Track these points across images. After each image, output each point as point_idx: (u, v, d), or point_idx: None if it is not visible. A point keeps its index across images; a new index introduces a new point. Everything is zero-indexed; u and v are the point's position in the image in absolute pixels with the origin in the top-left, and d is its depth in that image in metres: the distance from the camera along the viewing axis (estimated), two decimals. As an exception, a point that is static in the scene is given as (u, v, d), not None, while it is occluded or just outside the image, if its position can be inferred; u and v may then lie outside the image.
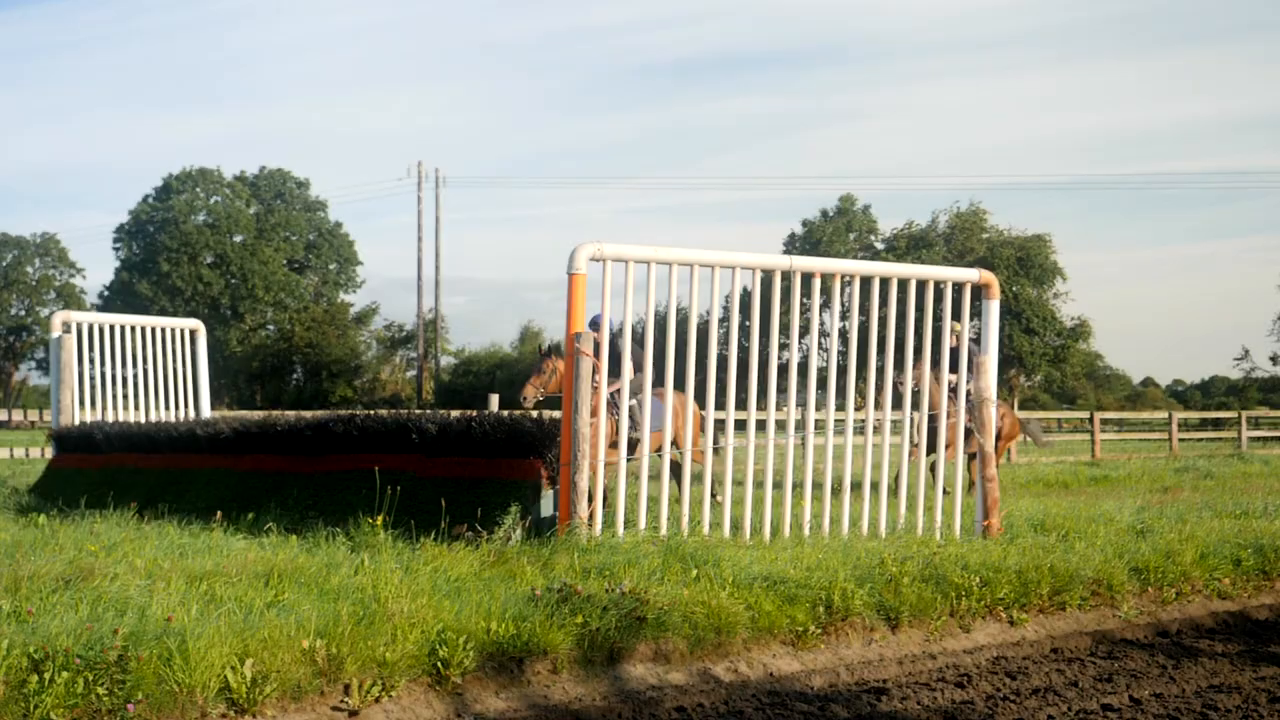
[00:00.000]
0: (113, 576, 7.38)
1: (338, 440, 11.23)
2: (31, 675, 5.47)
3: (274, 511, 10.81)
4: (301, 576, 7.70)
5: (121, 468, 13.76)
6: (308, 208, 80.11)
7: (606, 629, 6.92)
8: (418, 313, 68.45)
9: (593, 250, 9.41)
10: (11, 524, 11.50)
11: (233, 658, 5.91)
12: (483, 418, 10.23)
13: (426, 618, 6.60)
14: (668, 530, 9.62)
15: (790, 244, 73.29)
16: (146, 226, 77.04)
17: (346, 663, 6.15)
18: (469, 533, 9.10)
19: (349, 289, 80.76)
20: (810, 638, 7.60)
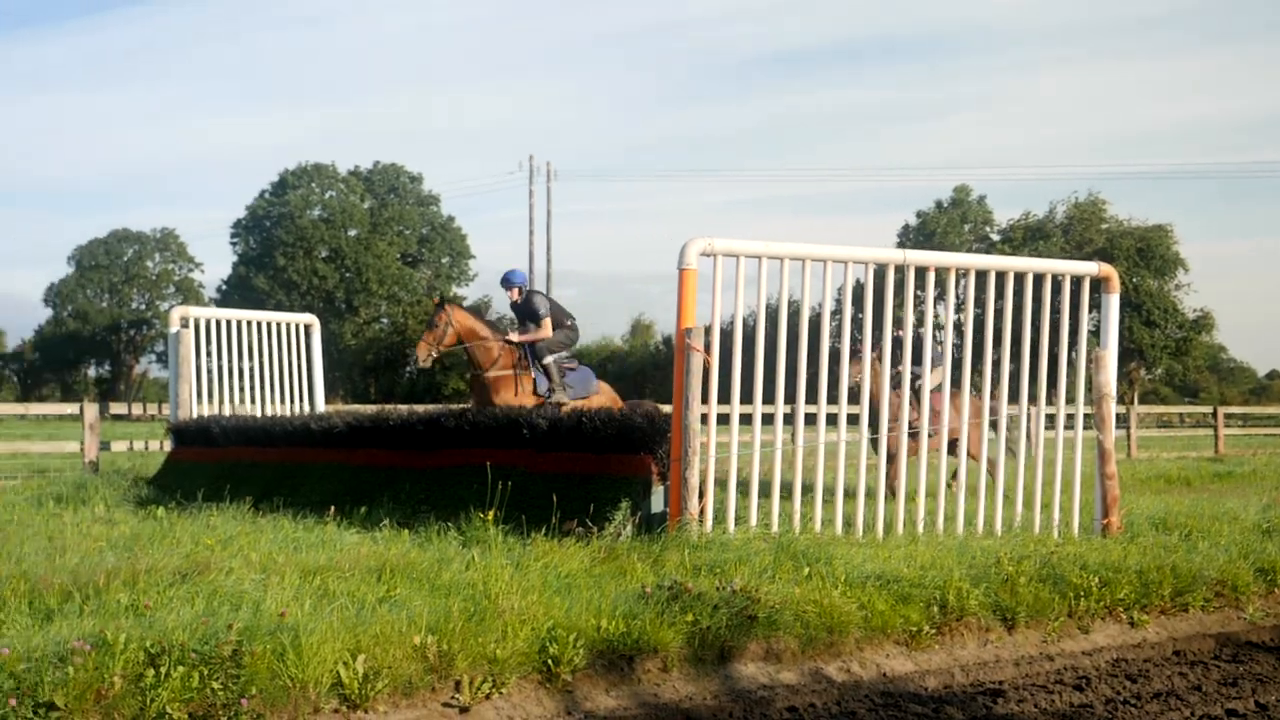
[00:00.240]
0: (228, 571, 7.48)
1: (449, 435, 11.29)
2: (148, 669, 5.54)
3: (386, 506, 10.91)
4: (413, 571, 7.74)
5: (238, 461, 13.98)
6: (421, 202, 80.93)
7: (717, 627, 6.86)
8: (530, 306, 68.85)
9: (704, 245, 9.34)
10: (131, 516, 11.74)
11: (345, 653, 5.94)
12: (593, 413, 10.21)
13: (537, 614, 6.59)
14: (779, 527, 9.53)
15: (904, 235, 72.50)
16: (263, 221, 78.37)
17: (457, 659, 6.16)
18: (579, 528, 9.09)
19: (461, 282, 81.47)
20: (924, 638, 7.47)
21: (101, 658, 5.50)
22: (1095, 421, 10.81)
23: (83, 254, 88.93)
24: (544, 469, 10.25)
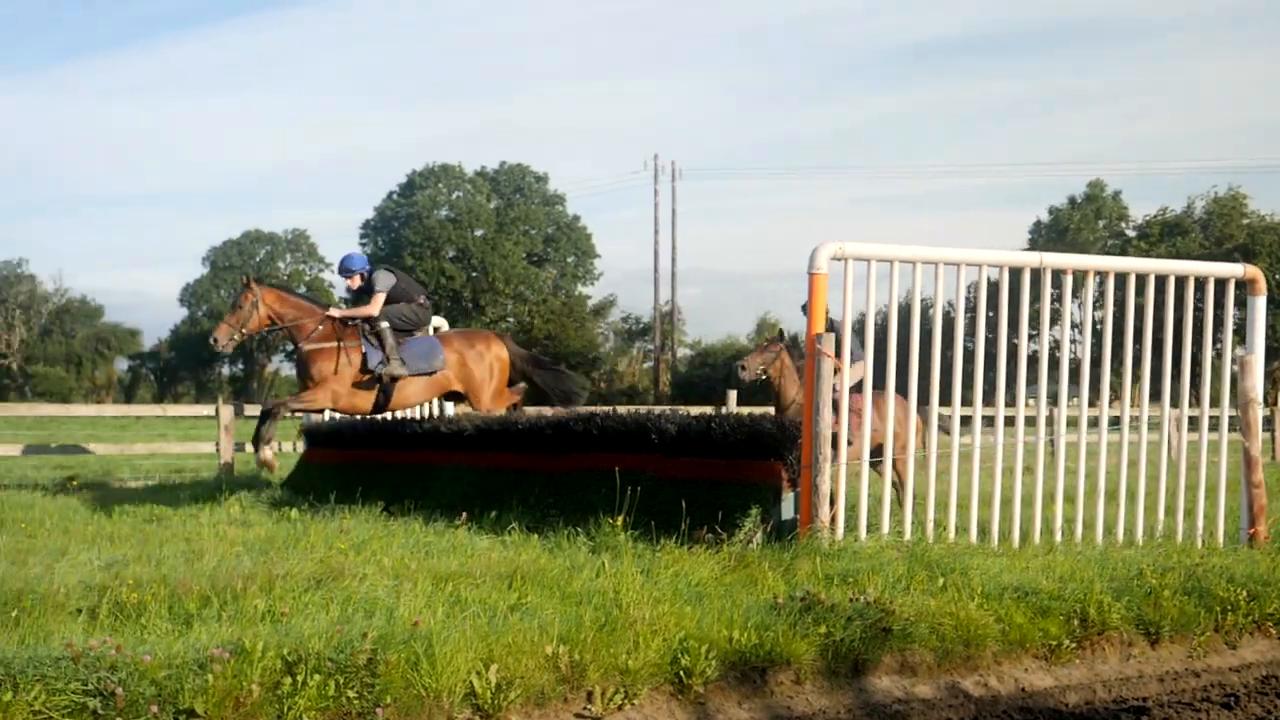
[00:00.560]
0: (362, 577, 7.54)
1: (578, 439, 11.29)
2: (285, 677, 5.59)
3: (515, 509, 10.94)
4: (544, 579, 7.74)
5: (369, 463, 14.15)
6: (546, 202, 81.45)
7: (851, 639, 6.75)
8: (654, 305, 69.02)
9: (834, 249, 9.22)
10: (266, 518, 11.94)
11: (478, 663, 5.95)
12: (723, 418, 10.14)
13: (668, 625, 6.54)
14: (912, 535, 9.37)
15: (1035, 232, 71.32)
16: (391, 222, 79.45)
17: (589, 670, 6.13)
18: (709, 535, 9.03)
19: (587, 281, 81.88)
20: (1064, 652, 7.27)
21: (240, 665, 5.55)
22: (1240, 427, 10.47)
23: (217, 254, 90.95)
24: (673, 474, 10.21)
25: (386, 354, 12.36)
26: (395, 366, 12.41)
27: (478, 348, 13.12)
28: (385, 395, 12.46)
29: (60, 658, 5.40)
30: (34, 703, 5.19)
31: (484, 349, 12.95)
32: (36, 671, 5.28)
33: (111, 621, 6.64)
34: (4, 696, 5.15)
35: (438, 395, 13.30)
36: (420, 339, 12.88)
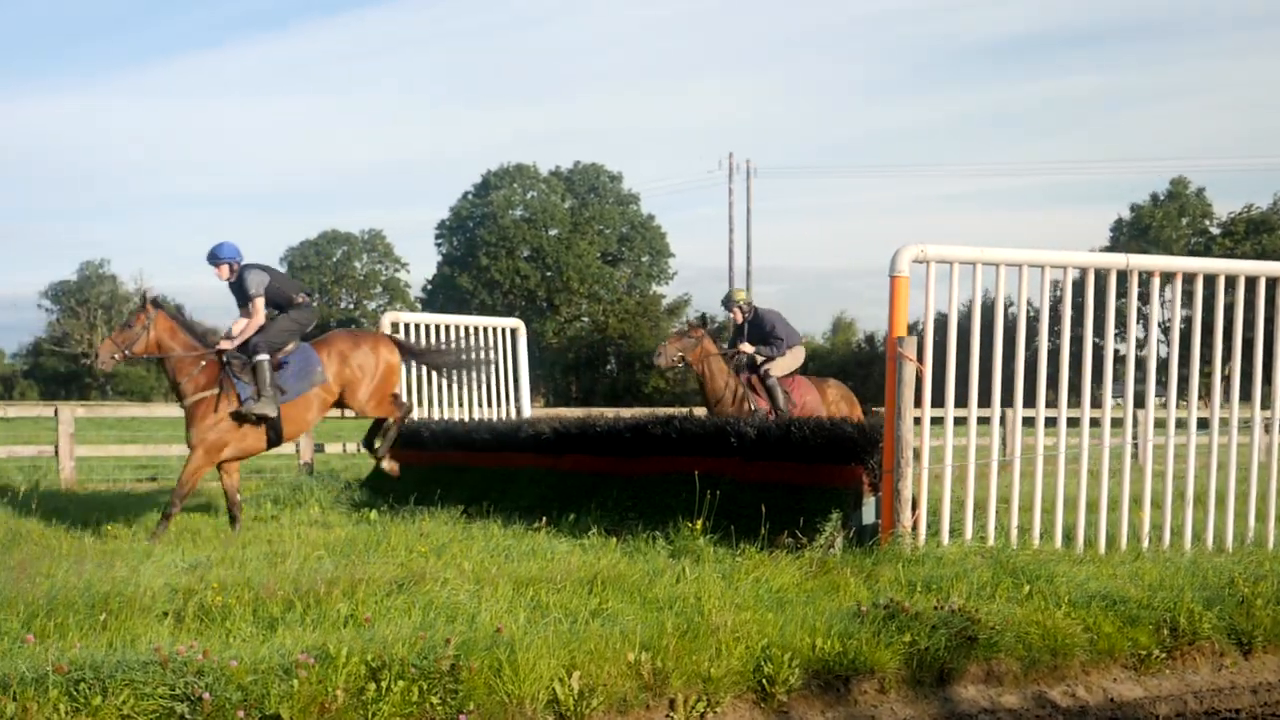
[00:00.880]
0: (443, 581, 7.55)
1: (656, 442, 11.26)
2: (370, 683, 5.61)
3: (593, 512, 10.92)
4: (624, 584, 7.72)
5: (447, 464, 14.17)
6: (621, 201, 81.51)
7: (936, 648, 6.66)
8: (729, 304, 68.77)
9: (916, 252, 9.12)
10: (345, 519, 12.03)
11: (560, 669, 5.93)
12: (802, 422, 10.06)
13: (750, 632, 6.49)
14: (995, 540, 9.25)
15: (1117, 230, 70.38)
16: (467, 222, 79.85)
17: (672, 677, 6.10)
18: (789, 540, 8.97)
19: (661, 281, 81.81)
20: (1154, 662, 7.14)
21: (324, 671, 5.58)
22: None
23: (294, 255, 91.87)
24: (752, 478, 10.15)
25: (257, 389, 11.13)
26: (264, 405, 11.11)
27: (363, 348, 11.95)
28: (275, 430, 11.34)
29: (148, 662, 5.45)
30: (122, 707, 5.24)
31: (370, 351, 11.88)
32: (125, 676, 5.33)
33: (197, 625, 6.69)
34: (93, 700, 5.21)
35: (326, 412, 12.05)
36: (293, 353, 11.63)
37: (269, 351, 11.18)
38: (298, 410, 11.43)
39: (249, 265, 11.37)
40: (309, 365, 11.36)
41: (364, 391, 11.68)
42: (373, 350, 11.83)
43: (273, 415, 11.15)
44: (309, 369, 11.35)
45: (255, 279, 11.36)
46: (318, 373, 11.43)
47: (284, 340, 11.44)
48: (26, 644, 5.98)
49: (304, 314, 11.69)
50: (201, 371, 11.22)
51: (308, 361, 11.39)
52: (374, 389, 11.78)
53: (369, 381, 11.67)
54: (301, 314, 11.66)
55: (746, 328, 14.29)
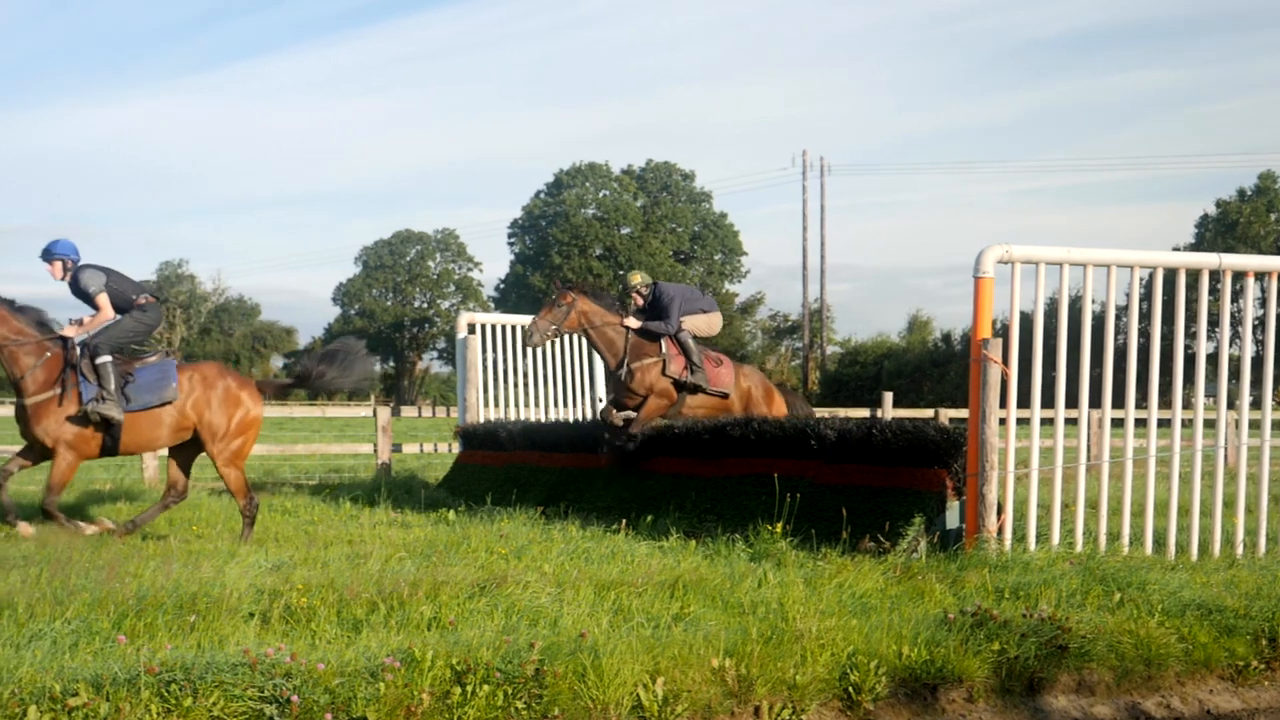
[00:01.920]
0: (524, 584, 7.53)
1: (734, 444, 11.20)
2: (455, 687, 5.60)
3: (672, 514, 10.89)
4: (705, 588, 7.67)
5: (523, 465, 14.22)
6: (693, 199, 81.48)
7: (1025, 657, 6.55)
8: (803, 302, 68.53)
9: (1000, 253, 9.00)
10: (424, 519, 12.06)
11: (644, 675, 5.89)
12: (884, 424, 9.95)
13: (836, 638, 6.41)
14: (1083, 546, 9.10)
15: (1202, 226, 69.29)
16: (539, 221, 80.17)
17: (756, 684, 6.03)
18: (871, 545, 8.87)
19: (734, 279, 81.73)
20: (1252, 673, 6.97)
21: (410, 674, 5.58)
22: None
23: (369, 254, 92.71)
24: (832, 481, 10.06)
25: (105, 390, 10.41)
26: (109, 407, 10.38)
27: (225, 383, 11.02)
28: (113, 439, 10.57)
29: (237, 664, 5.46)
30: (213, 708, 5.26)
31: (234, 390, 10.96)
32: (215, 677, 5.35)
33: (283, 626, 6.72)
34: (184, 701, 5.23)
35: (180, 438, 10.99)
36: (151, 365, 10.85)
37: (110, 352, 10.54)
38: (142, 424, 10.65)
39: (84, 265, 10.74)
40: (163, 381, 10.64)
41: (219, 438, 10.83)
42: (235, 391, 10.99)
43: (118, 419, 10.44)
44: (162, 384, 10.62)
45: (91, 277, 10.70)
46: (170, 389, 10.64)
47: (127, 341, 10.82)
48: (118, 644, 6.03)
49: (149, 316, 10.94)
50: (41, 367, 10.51)
51: (163, 377, 10.67)
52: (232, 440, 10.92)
53: (224, 427, 10.84)
54: (146, 316, 10.91)
55: (647, 310, 13.14)
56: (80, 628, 6.51)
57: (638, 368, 12.46)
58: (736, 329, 74.19)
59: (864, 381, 57.39)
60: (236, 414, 10.87)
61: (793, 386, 67.99)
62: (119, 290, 10.78)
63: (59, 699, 5.13)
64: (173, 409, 10.64)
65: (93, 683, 5.25)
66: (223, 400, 10.84)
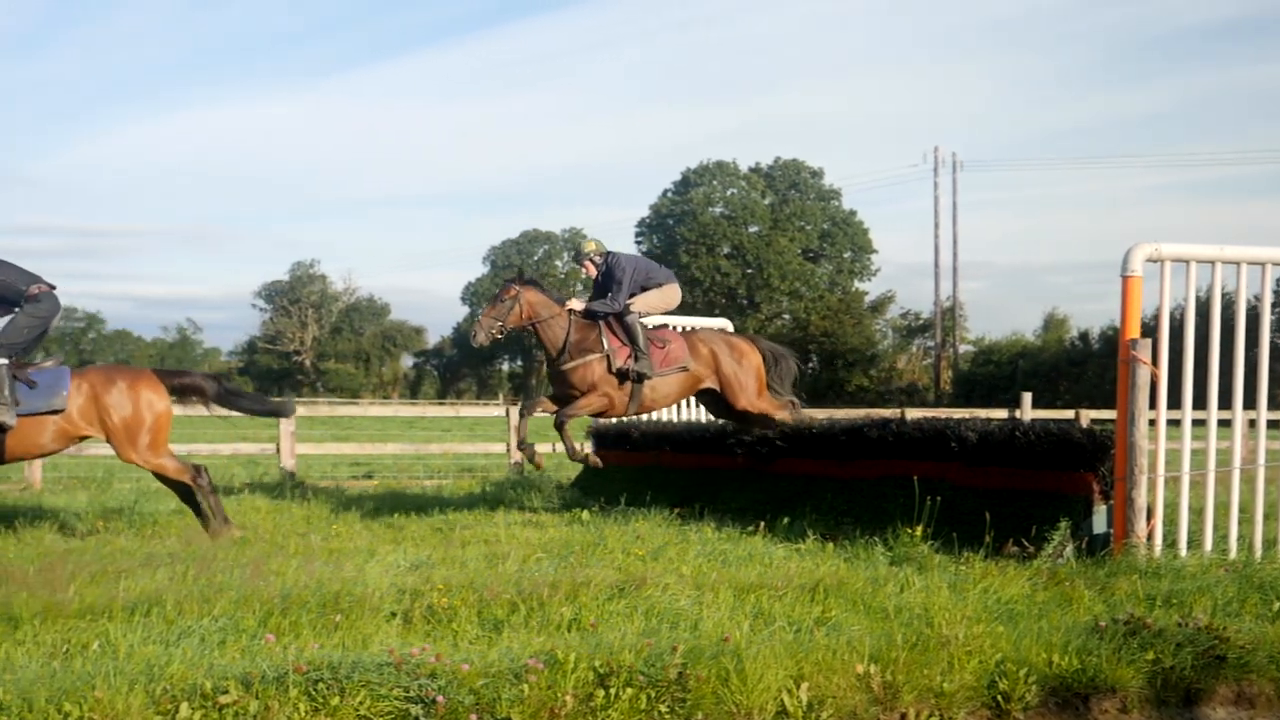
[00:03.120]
0: (663, 586, 7.50)
1: (872, 445, 11.06)
2: (598, 689, 5.58)
3: (807, 516, 10.77)
4: (845, 591, 7.56)
5: (656, 465, 14.20)
6: (822, 197, 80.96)
7: (1181, 667, 6.34)
8: (934, 300, 67.78)
9: (1149, 251, 8.76)
10: (557, 519, 12.10)
11: (788, 680, 5.81)
12: (1028, 426, 9.74)
13: (983, 645, 6.27)
14: (1238, 552, 8.82)
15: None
16: (666, 220, 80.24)
17: (903, 691, 5.92)
18: (1015, 549, 8.69)
19: (864, 277, 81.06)
20: None
21: (553, 676, 5.57)
22: None
23: (496, 254, 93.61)
24: (973, 483, 9.88)
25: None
26: (2, 412, 9.98)
27: (118, 385, 10.63)
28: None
29: (383, 664, 5.50)
30: (359, 707, 5.30)
31: (127, 390, 10.58)
32: (361, 677, 5.39)
33: (425, 626, 6.76)
34: (331, 700, 5.28)
35: (63, 446, 10.77)
36: (47, 370, 10.44)
37: (8, 355, 10.09)
38: (25, 428, 10.25)
39: None
40: (55, 388, 10.25)
41: (122, 437, 10.53)
42: (130, 388, 10.60)
43: (11, 424, 10.07)
44: (53, 392, 10.23)
45: None
46: (60, 398, 10.26)
47: (24, 339, 10.24)
48: (266, 643, 6.12)
49: (43, 306, 10.33)
50: None
51: (55, 384, 10.28)
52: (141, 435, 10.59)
53: (125, 426, 10.49)
54: (40, 307, 10.29)
55: (600, 280, 12.49)
56: (227, 625, 6.63)
57: (580, 364, 11.84)
58: (866, 328, 73.43)
59: (998, 381, 56.42)
60: (140, 411, 10.59)
61: (924, 386, 67.42)
62: (7, 282, 10.21)
63: (210, 696, 5.21)
64: (61, 418, 10.31)
65: (242, 680, 5.32)
66: (114, 403, 10.50)
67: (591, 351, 11.79)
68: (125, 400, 10.50)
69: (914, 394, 65.66)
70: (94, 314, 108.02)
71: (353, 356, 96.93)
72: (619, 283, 11.94)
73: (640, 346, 11.79)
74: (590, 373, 11.77)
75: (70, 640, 6.32)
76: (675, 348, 12.08)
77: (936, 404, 54.45)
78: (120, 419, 10.50)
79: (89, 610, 6.82)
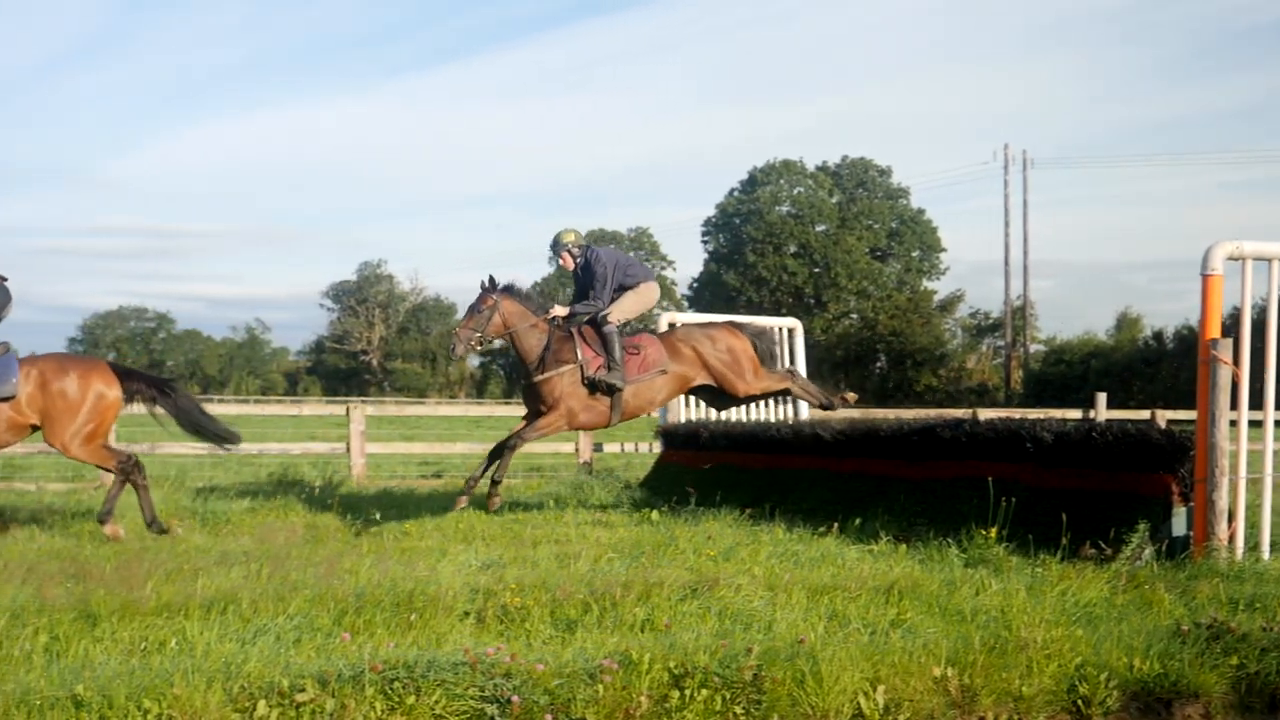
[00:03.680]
0: (736, 587, 7.47)
1: (944, 445, 10.95)
2: (673, 690, 5.57)
3: (880, 517, 10.68)
4: (920, 593, 7.50)
5: (725, 466, 14.14)
6: (889, 195, 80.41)
7: (1266, 673, 6.23)
8: (1005, 299, 67.12)
9: (1231, 249, 8.61)
10: (627, 519, 12.08)
11: (864, 682, 5.78)
12: (1105, 426, 9.60)
13: (1062, 649, 6.19)
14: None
15: None
16: (733, 219, 79.97)
17: (981, 695, 5.87)
18: (1092, 551, 8.57)
19: (933, 276, 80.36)
20: None
21: (628, 676, 5.57)
22: None
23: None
24: (1049, 484, 9.75)
25: None
26: None
27: (70, 375, 10.53)
28: None
29: (458, 663, 5.52)
30: (435, 706, 5.33)
31: (78, 380, 10.48)
32: (436, 676, 5.41)
33: (498, 626, 6.77)
34: (407, 700, 5.30)
35: (14, 438, 10.71)
36: None
37: None
38: None
39: None
40: (5, 372, 10.21)
41: (66, 427, 10.44)
42: (82, 379, 10.51)
43: None
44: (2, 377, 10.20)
45: None
46: (10, 384, 10.21)
47: None
48: (342, 642, 6.15)
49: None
50: None
51: (6, 370, 10.24)
52: (79, 426, 10.50)
53: (71, 415, 10.40)
54: None
55: (580, 275, 11.99)
56: (302, 624, 6.67)
57: (552, 375, 11.40)
58: (935, 327, 72.83)
59: (1070, 381, 55.69)
60: (89, 400, 10.52)
61: (994, 386, 66.77)
62: None
63: (287, 694, 5.25)
64: (9, 408, 10.29)
65: (318, 679, 5.36)
66: (62, 390, 10.44)
67: (566, 363, 11.41)
68: (75, 388, 10.42)
69: (984, 394, 64.99)
70: (164, 314, 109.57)
71: (419, 356, 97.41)
72: (600, 280, 11.59)
73: (615, 357, 11.43)
74: (558, 385, 11.36)
75: (148, 638, 6.39)
76: (651, 352, 11.77)
77: (1007, 404, 53.88)
78: (65, 406, 10.40)
79: (166, 608, 6.88)
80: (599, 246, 11.96)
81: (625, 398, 11.52)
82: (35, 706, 5.05)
